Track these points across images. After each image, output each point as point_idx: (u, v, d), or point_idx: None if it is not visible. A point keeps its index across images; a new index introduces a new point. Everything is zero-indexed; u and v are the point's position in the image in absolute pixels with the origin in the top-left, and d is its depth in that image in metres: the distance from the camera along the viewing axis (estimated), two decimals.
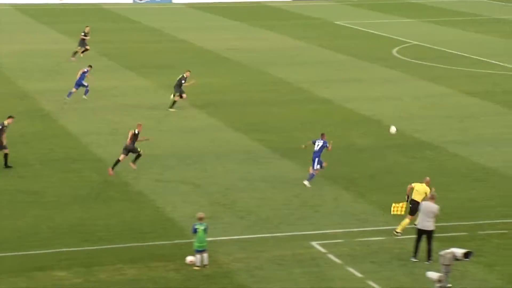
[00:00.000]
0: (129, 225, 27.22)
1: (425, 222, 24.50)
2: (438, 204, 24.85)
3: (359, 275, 23.70)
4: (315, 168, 30.86)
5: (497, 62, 55.26)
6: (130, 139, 32.10)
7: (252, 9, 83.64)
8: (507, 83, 49.34)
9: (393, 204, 26.84)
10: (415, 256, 24.55)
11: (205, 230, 24.11)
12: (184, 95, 41.81)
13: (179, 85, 41.82)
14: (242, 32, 68.81)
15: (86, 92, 43.30)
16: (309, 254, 24.99)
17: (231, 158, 34.36)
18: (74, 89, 42.87)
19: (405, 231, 26.30)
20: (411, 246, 24.84)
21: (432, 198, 24.72)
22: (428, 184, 26.44)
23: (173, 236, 26.31)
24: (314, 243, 25.76)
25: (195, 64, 54.27)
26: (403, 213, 26.58)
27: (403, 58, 57.01)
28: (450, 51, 59.66)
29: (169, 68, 51.16)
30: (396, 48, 60.48)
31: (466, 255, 19.76)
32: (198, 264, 23.96)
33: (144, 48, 57.88)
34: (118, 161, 32.05)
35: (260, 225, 27.29)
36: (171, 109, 41.67)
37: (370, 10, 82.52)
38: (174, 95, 41.86)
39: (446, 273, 19.66)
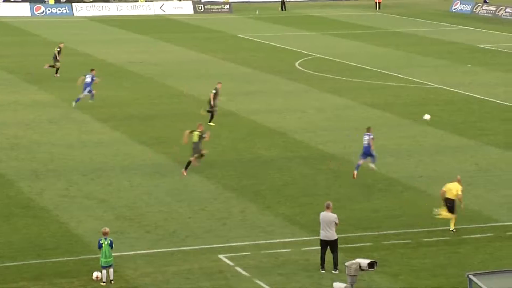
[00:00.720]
0: (32, 242, 26.69)
1: (327, 232, 24.71)
2: (343, 215, 25.12)
3: (267, 287, 23.77)
4: (374, 162, 33.51)
5: (396, 74, 56.35)
6: (198, 140, 33.50)
7: (154, 22, 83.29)
8: (407, 94, 50.33)
9: (435, 211, 28.22)
10: (322, 267, 24.76)
11: (110, 245, 23.84)
12: (215, 109, 41.52)
13: (214, 99, 41.43)
14: (145, 45, 68.45)
15: (92, 96, 44.53)
16: (216, 267, 24.95)
17: (136, 172, 34.08)
18: (82, 95, 44.30)
19: (310, 242, 26.54)
20: (317, 258, 25.03)
21: (328, 207, 24.88)
22: (459, 183, 28.06)
23: (78, 252, 25.92)
24: (221, 256, 25.74)
25: (98, 77, 53.71)
26: (448, 216, 27.93)
27: (306, 70, 57.62)
28: (351, 63, 60.57)
29: (71, 82, 50.40)
30: (299, 61, 61.08)
31: (371, 265, 19.98)
32: (104, 280, 23.68)
33: (45, 62, 56.81)
34: (189, 162, 33.27)
35: (167, 239, 27.13)
36: (210, 124, 41.14)
37: (272, 23, 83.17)
38: (206, 110, 41.60)
39: (352, 283, 19.85)
